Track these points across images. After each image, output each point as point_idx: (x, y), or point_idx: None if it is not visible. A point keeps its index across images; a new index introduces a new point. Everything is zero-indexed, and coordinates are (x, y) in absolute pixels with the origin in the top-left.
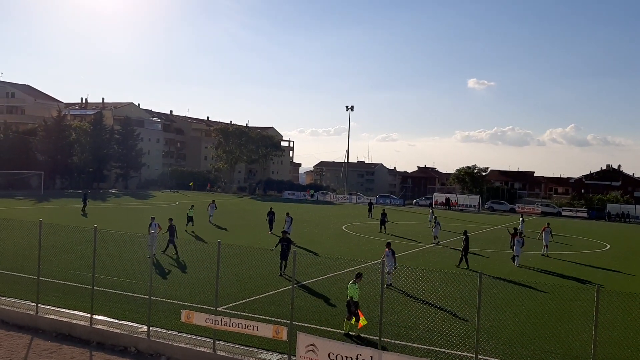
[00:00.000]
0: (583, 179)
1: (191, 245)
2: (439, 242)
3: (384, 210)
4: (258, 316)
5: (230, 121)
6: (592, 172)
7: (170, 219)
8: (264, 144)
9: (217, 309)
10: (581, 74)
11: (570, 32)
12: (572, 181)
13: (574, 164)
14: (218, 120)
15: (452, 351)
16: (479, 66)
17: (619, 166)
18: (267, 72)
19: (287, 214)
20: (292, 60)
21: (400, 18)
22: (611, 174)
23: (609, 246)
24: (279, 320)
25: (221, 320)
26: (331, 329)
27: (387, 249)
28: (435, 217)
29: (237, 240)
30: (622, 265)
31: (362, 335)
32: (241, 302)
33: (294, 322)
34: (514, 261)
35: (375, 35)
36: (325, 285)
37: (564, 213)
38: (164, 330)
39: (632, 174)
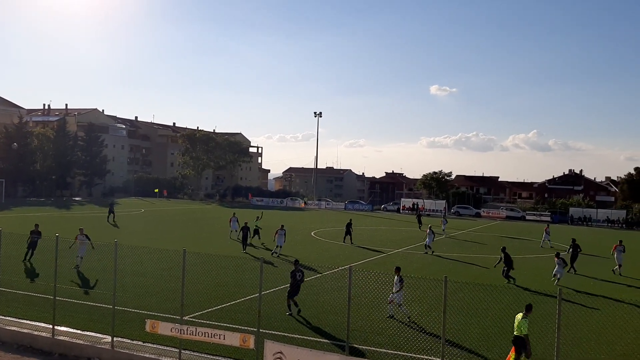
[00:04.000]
0: (546, 184)
1: (157, 254)
2: (432, 252)
3: (350, 220)
4: (225, 325)
5: (197, 127)
6: (554, 176)
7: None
8: (232, 150)
9: (183, 318)
10: (541, 81)
11: (529, 39)
12: (535, 186)
13: (537, 169)
14: (185, 126)
15: (419, 355)
16: (440, 73)
17: (581, 171)
18: (234, 78)
19: (282, 226)
20: (259, 67)
21: (364, 25)
22: (573, 179)
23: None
24: (246, 328)
25: (187, 330)
26: (299, 336)
27: (396, 276)
28: (430, 226)
29: (204, 248)
30: (584, 268)
31: (329, 341)
32: (208, 310)
33: (261, 330)
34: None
35: (341, 42)
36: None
37: (527, 217)
38: (129, 341)
39: (593, 179)
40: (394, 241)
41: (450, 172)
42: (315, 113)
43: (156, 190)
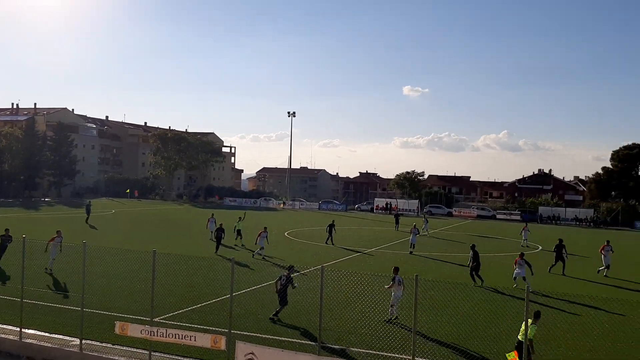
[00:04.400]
0: (516, 183)
1: (127, 255)
2: (411, 251)
3: (333, 221)
4: (196, 326)
5: (169, 127)
6: (524, 176)
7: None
8: (204, 150)
9: (153, 319)
10: (511, 82)
11: (499, 41)
12: (506, 185)
13: (507, 168)
14: (156, 126)
15: (390, 354)
16: (413, 73)
17: (550, 170)
18: (207, 77)
19: (265, 228)
20: (233, 66)
21: (337, 26)
22: (543, 178)
23: (540, 247)
24: (217, 329)
25: (157, 332)
26: (272, 337)
27: (395, 275)
28: (415, 225)
29: (176, 249)
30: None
31: (302, 341)
32: (179, 312)
33: (233, 331)
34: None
35: (315, 42)
36: (266, 292)
37: (498, 216)
38: (98, 343)
39: (562, 178)
40: (368, 240)
41: (423, 172)
42: (289, 113)
43: (127, 191)
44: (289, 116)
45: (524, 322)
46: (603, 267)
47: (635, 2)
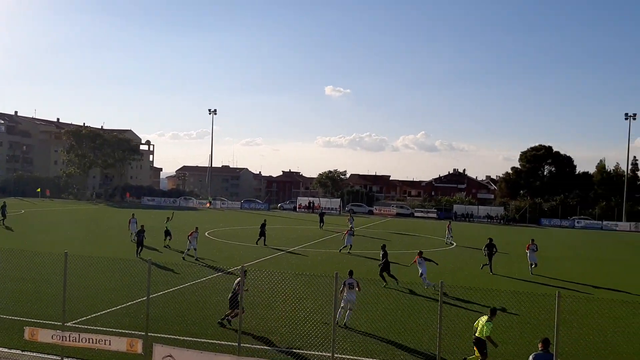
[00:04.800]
0: (433, 182)
1: (37, 257)
2: (341, 249)
3: (265, 221)
4: (111, 329)
5: (84, 123)
6: (440, 175)
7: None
8: (121, 148)
9: (65, 324)
10: (428, 84)
11: (417, 42)
12: (423, 184)
13: (425, 168)
14: (69, 122)
15: (311, 352)
16: (335, 73)
17: (464, 170)
18: (123, 72)
19: (196, 228)
20: (151, 61)
21: (259, 23)
22: (457, 177)
23: (455, 244)
24: (134, 332)
25: (69, 336)
26: (191, 338)
27: (350, 278)
28: (351, 223)
29: (91, 250)
30: (465, 262)
31: (222, 342)
32: (93, 315)
33: (150, 334)
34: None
35: (237, 39)
36: (185, 293)
37: (416, 214)
38: (6, 350)
39: (475, 177)
40: (291, 239)
41: (345, 171)
42: (210, 110)
43: (38, 190)
44: (210, 114)
45: (478, 320)
46: (533, 265)
47: (539, 6)
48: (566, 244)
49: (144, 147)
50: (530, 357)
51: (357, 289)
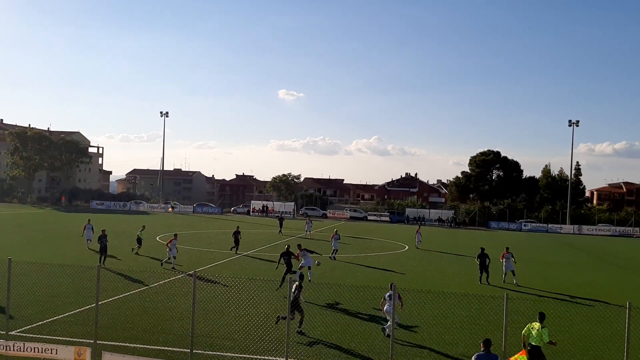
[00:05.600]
0: (386, 186)
1: None
2: (334, 257)
3: (237, 227)
4: (59, 338)
5: (29, 125)
6: (393, 179)
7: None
8: (69, 150)
9: (9, 333)
10: (380, 89)
11: (368, 48)
12: (376, 188)
13: (378, 171)
14: (14, 124)
15: (265, 357)
16: (288, 77)
17: (416, 174)
18: (71, 73)
19: (175, 235)
20: (100, 62)
21: (212, 26)
22: (409, 181)
23: (407, 247)
24: (82, 340)
25: (14, 346)
26: (142, 346)
27: (391, 291)
28: (336, 230)
29: (36, 256)
30: (417, 264)
31: (173, 349)
32: (40, 323)
33: (99, 342)
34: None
35: (189, 41)
36: (136, 299)
37: (369, 217)
38: None
39: (427, 181)
40: (243, 244)
41: (299, 175)
42: (161, 112)
43: None
44: (161, 116)
45: (529, 329)
46: (511, 275)
47: (487, 16)
48: (514, 246)
49: (92, 150)
50: (473, 358)
51: (398, 301)
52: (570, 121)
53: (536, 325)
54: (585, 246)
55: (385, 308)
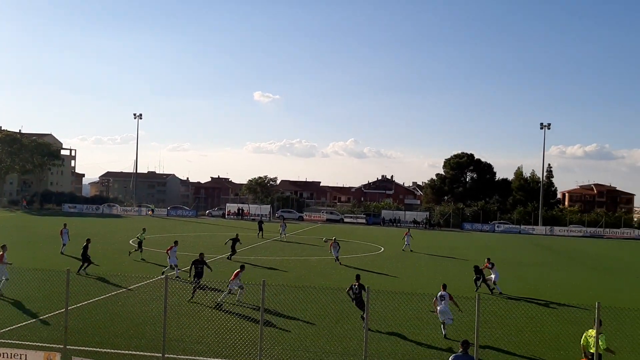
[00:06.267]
0: (362, 188)
1: None
2: (339, 262)
3: (236, 235)
4: (28, 343)
5: (0, 127)
6: (369, 181)
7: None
8: (41, 153)
9: None
10: (356, 92)
11: (344, 50)
12: (353, 190)
13: (354, 174)
14: None
15: None
16: (263, 79)
17: (392, 176)
18: (42, 74)
19: (176, 242)
20: (72, 63)
21: (187, 27)
22: (385, 184)
23: (383, 249)
24: (52, 345)
25: None
26: (113, 350)
27: (443, 291)
28: (334, 238)
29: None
30: (392, 266)
31: (145, 353)
32: (8, 329)
33: (69, 347)
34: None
35: (163, 42)
36: (108, 303)
37: (346, 220)
38: None
39: (402, 183)
40: (218, 247)
41: (276, 178)
42: (135, 114)
43: None
44: (135, 118)
45: (586, 337)
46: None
47: (460, 19)
48: (488, 247)
49: (65, 152)
50: (450, 359)
51: (450, 301)
52: (542, 124)
53: (592, 332)
54: (557, 247)
55: (439, 308)
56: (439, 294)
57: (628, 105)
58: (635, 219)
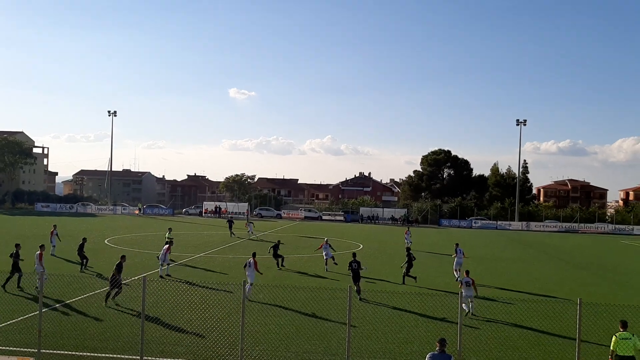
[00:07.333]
0: (340, 185)
1: None
2: (335, 263)
3: (278, 241)
4: (1, 347)
5: None
6: (347, 179)
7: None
8: (12, 151)
9: None
10: (332, 89)
11: (321, 47)
12: (330, 187)
13: (332, 171)
14: None
15: None
16: (239, 76)
17: (369, 173)
18: (13, 70)
19: (172, 240)
20: (43, 59)
21: (161, 23)
22: (363, 180)
23: (362, 246)
24: (26, 350)
25: None
26: (88, 354)
27: (466, 277)
28: (326, 239)
29: None
30: (371, 263)
31: (123, 356)
32: None
33: (43, 350)
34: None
35: (137, 39)
36: (82, 305)
37: (324, 217)
38: None
39: (380, 180)
40: (196, 246)
41: (254, 175)
42: (109, 112)
43: None
44: (109, 115)
45: (616, 341)
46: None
47: (437, 17)
48: (465, 243)
49: (37, 150)
50: (427, 357)
51: (472, 286)
52: (517, 120)
53: (625, 334)
54: (533, 242)
55: (464, 293)
56: (464, 279)
57: (600, 102)
58: (609, 214)
